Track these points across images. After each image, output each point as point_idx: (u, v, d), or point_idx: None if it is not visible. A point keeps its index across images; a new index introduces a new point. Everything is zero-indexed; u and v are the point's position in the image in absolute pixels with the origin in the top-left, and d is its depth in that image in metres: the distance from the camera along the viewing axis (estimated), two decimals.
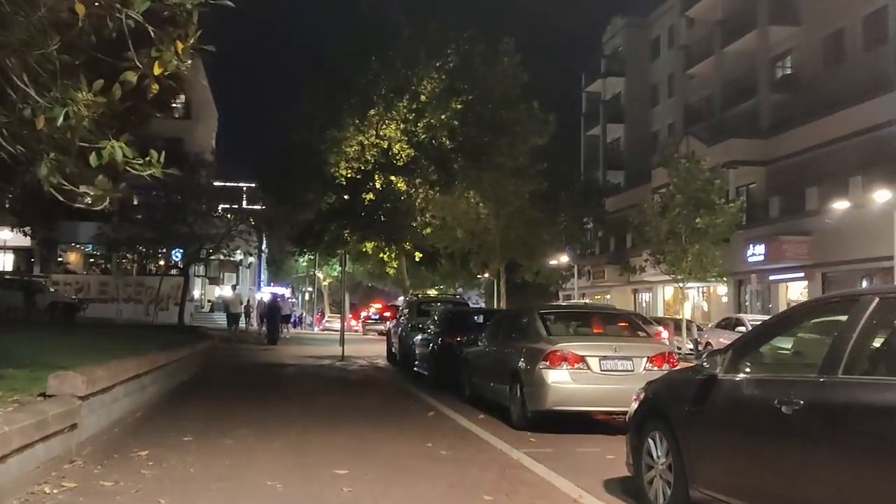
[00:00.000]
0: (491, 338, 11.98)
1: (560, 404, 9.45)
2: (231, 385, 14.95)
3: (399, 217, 24.54)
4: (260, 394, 13.42)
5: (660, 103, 54.07)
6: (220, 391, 13.63)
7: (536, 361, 9.56)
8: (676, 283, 29.72)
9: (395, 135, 25.11)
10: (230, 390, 13.83)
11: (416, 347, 17.23)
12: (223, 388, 14.27)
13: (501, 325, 11.98)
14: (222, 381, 15.55)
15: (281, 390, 14.16)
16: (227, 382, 15.48)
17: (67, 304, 36.04)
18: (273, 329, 29.26)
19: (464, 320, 15.43)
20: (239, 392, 13.65)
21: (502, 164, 26.08)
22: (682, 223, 28.12)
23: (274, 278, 75.33)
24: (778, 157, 36.29)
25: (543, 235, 44.62)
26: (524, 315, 11.15)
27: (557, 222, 44.66)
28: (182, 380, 14.69)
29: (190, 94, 50.39)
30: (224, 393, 13.37)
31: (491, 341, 11.87)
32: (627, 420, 6.45)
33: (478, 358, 12.26)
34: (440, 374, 14.77)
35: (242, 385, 15.10)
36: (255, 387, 14.82)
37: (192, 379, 15.27)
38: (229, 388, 14.34)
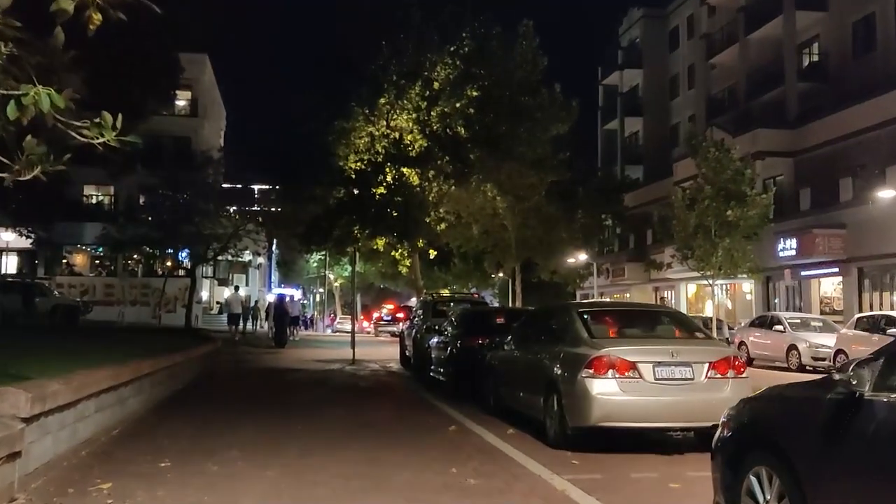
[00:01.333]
0: (520, 341, 10.51)
1: (607, 420, 7.98)
2: (229, 394, 13.55)
3: (412, 212, 23.08)
4: (259, 405, 12.02)
5: (679, 95, 52.46)
6: (216, 402, 12.22)
7: (578, 369, 8.10)
8: (705, 279, 28.13)
9: (408, 125, 23.67)
10: (226, 400, 12.43)
11: (432, 351, 15.78)
12: (219, 397, 12.87)
13: (532, 327, 10.53)
14: (220, 390, 14.16)
15: (283, 400, 12.74)
16: (224, 391, 14.08)
17: (69, 306, 34.85)
18: (280, 331, 27.88)
19: (485, 321, 13.94)
20: (236, 403, 12.25)
21: (522, 153, 24.56)
22: (711, 216, 26.55)
23: (285, 280, 74.11)
24: (807, 148, 34.63)
25: (561, 233, 43.23)
26: (560, 314, 9.70)
27: (575, 219, 43.26)
28: (176, 388, 13.33)
29: (196, 91, 49.26)
30: (219, 404, 11.97)
31: (520, 345, 10.41)
32: (714, 448, 4.99)
33: (505, 364, 10.80)
34: (460, 380, 13.32)
35: (241, 394, 13.69)
36: (255, 396, 13.42)
37: (186, 387, 13.89)
38: (226, 397, 12.93)
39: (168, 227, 37.45)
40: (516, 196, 26.92)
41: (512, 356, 10.55)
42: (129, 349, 12.62)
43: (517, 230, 40.01)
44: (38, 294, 35.36)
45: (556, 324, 9.47)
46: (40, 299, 34.71)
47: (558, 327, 9.32)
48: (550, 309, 11.05)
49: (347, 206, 23.53)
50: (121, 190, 46.20)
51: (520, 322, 11.47)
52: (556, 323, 9.54)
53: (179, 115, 48.97)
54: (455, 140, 23.17)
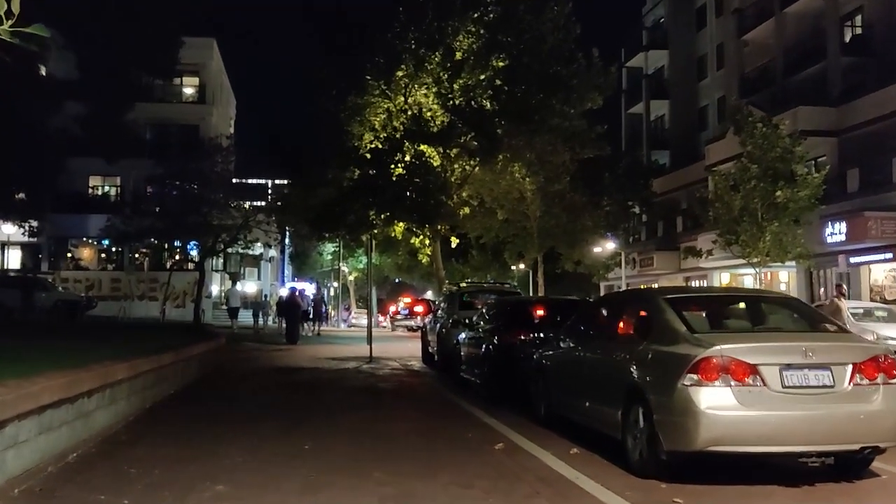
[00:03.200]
0: (581, 336, 8.45)
1: (719, 443, 5.92)
2: (226, 401, 11.54)
3: (433, 194, 20.99)
4: (260, 414, 10.02)
5: (707, 76, 50.04)
6: (209, 411, 10.24)
7: (677, 374, 6.05)
8: (752, 266, 25.89)
9: (427, 101, 21.58)
10: (222, 409, 10.44)
11: (461, 348, 13.74)
12: (214, 405, 10.87)
13: (596, 319, 8.47)
14: (217, 395, 12.17)
15: (289, 408, 10.74)
16: (222, 397, 12.09)
17: (71, 302, 33.13)
18: (292, 327, 25.91)
19: (527, 314, 11.83)
20: (233, 412, 10.26)
21: (556, 126, 22.38)
22: (758, 198, 24.33)
23: (298, 273, 72.27)
24: (851, 126, 32.35)
25: (586, 221, 41.19)
26: (640, 303, 7.65)
27: (601, 206, 41.17)
28: (165, 394, 11.37)
29: (204, 77, 47.40)
30: (213, 414, 9.98)
31: (581, 341, 8.33)
32: None
33: (560, 365, 8.75)
34: (498, 383, 11.28)
35: (241, 401, 11.69)
36: (257, 403, 11.42)
37: (178, 393, 11.92)
38: (222, 405, 10.94)
39: (175, 218, 35.74)
40: (547, 177, 24.80)
41: (571, 356, 8.49)
42: (115, 348, 10.73)
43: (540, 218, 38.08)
44: (40, 289, 33.77)
45: (636, 315, 7.41)
46: (43, 294, 33.14)
47: (639, 319, 7.25)
48: (624, 297, 8.94)
49: (362, 188, 21.42)
50: (127, 180, 44.47)
51: (579, 314, 9.41)
52: (634, 314, 7.47)
53: (186, 102, 47.19)
54: (480, 114, 21.03)
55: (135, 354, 10.19)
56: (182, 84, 47.91)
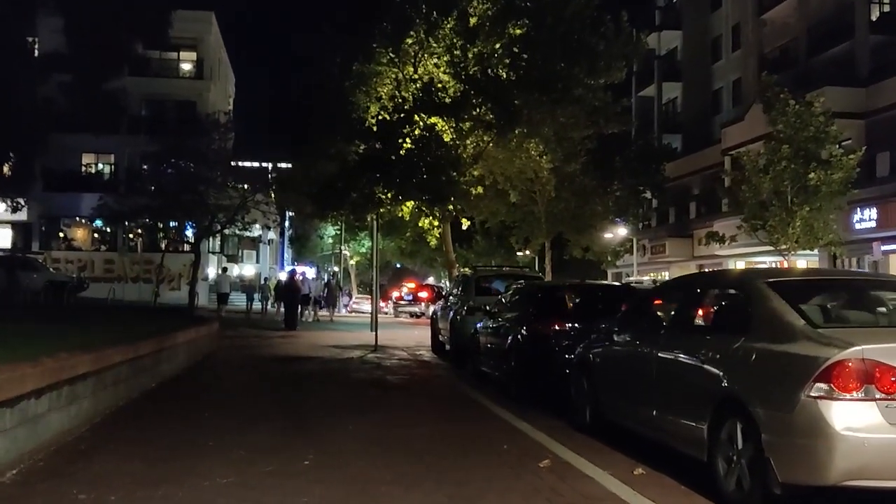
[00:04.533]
0: (645, 330, 6.93)
1: (862, 475, 4.42)
2: (215, 398, 10.05)
3: (445, 170, 19.41)
4: (252, 416, 8.54)
5: (722, 58, 48.31)
6: (194, 412, 8.74)
7: (798, 382, 4.56)
8: (780, 254, 24.39)
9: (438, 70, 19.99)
10: (210, 409, 8.94)
11: (480, 338, 12.26)
12: (201, 404, 9.37)
13: (667, 309, 6.94)
14: (204, 391, 10.67)
15: (286, 407, 9.27)
16: (211, 393, 10.60)
17: (60, 283, 31.66)
18: (291, 312, 24.40)
19: (561, 301, 10.30)
20: (222, 413, 8.76)
21: (580, 97, 20.77)
22: (788, 180, 22.80)
23: (298, 257, 70.74)
24: (880, 108, 30.80)
25: (596, 206, 39.73)
26: (733, 289, 6.10)
27: (611, 191, 39.67)
28: (146, 388, 9.93)
29: (202, 51, 45.73)
30: (197, 415, 8.48)
31: (646, 336, 6.80)
32: None
33: (615, 363, 7.24)
34: (528, 380, 9.78)
35: (231, 398, 10.19)
36: (250, 401, 9.93)
37: (161, 386, 10.46)
38: (210, 404, 9.44)
39: (170, 198, 34.27)
40: (566, 154, 23.22)
41: (629, 352, 6.96)
42: (91, 335, 9.33)
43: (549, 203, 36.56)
44: (29, 270, 32.31)
45: (728, 304, 5.93)
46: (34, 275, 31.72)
47: (734, 309, 5.77)
48: (707, 281, 7.29)
49: (368, 163, 19.81)
50: (121, 158, 42.92)
51: (638, 301, 7.91)
52: (726, 302, 5.99)
53: (183, 77, 45.50)
54: (497, 83, 19.42)
55: (108, 343, 8.74)
56: (179, 59, 46.25)
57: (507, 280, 15.03)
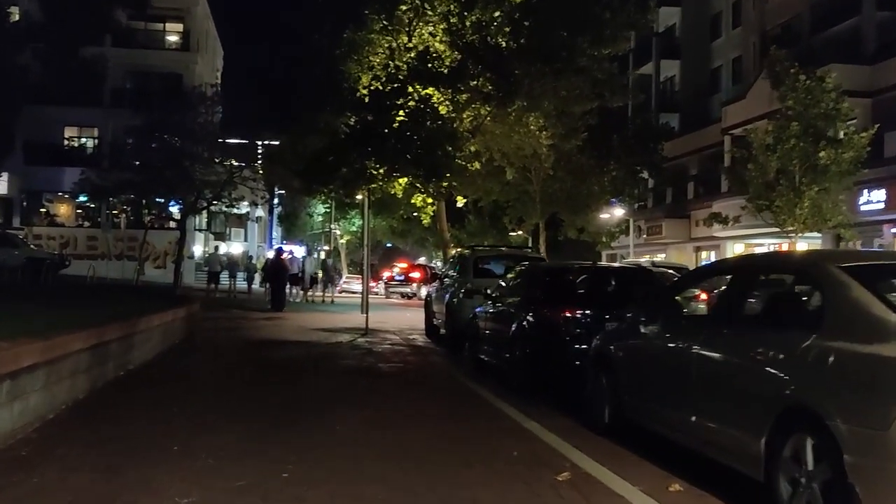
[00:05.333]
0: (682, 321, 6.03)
1: None
2: (188, 389, 9.06)
3: (441, 144, 18.40)
4: (229, 413, 7.59)
5: (722, 35, 47.29)
6: (161, 406, 7.78)
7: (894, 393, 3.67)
8: (787, 236, 23.55)
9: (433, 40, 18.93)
10: (180, 403, 7.98)
11: (480, 323, 11.34)
12: (171, 397, 8.38)
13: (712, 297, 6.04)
14: (178, 380, 9.70)
15: (268, 402, 8.32)
16: (184, 382, 9.62)
17: (38, 260, 30.57)
18: (278, 293, 23.41)
19: (571, 284, 9.37)
20: (194, 407, 7.79)
21: (585, 67, 19.74)
22: (797, 159, 21.90)
23: (287, 235, 69.62)
24: (887, 87, 29.91)
25: (592, 185, 38.81)
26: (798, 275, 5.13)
27: (608, 170, 38.75)
28: (114, 376, 8.99)
29: (188, 23, 44.39)
30: (165, 411, 7.51)
31: (683, 328, 5.89)
32: None
33: (643, 358, 6.31)
34: (535, 372, 8.88)
35: (207, 389, 9.23)
36: (227, 392, 8.97)
37: (129, 375, 9.52)
38: (182, 396, 8.45)
39: (155, 173, 33.20)
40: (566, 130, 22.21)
41: (662, 347, 6.02)
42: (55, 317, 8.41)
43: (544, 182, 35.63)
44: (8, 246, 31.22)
45: (793, 292, 5.02)
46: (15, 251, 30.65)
47: (797, 300, 4.87)
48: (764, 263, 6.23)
49: (360, 136, 18.76)
50: (105, 132, 41.70)
51: (674, 286, 6.98)
52: (790, 290, 5.08)
53: (169, 49, 44.19)
54: (496, 52, 18.36)
55: (71, 327, 7.80)
56: (165, 30, 44.92)
57: (507, 261, 14.12)
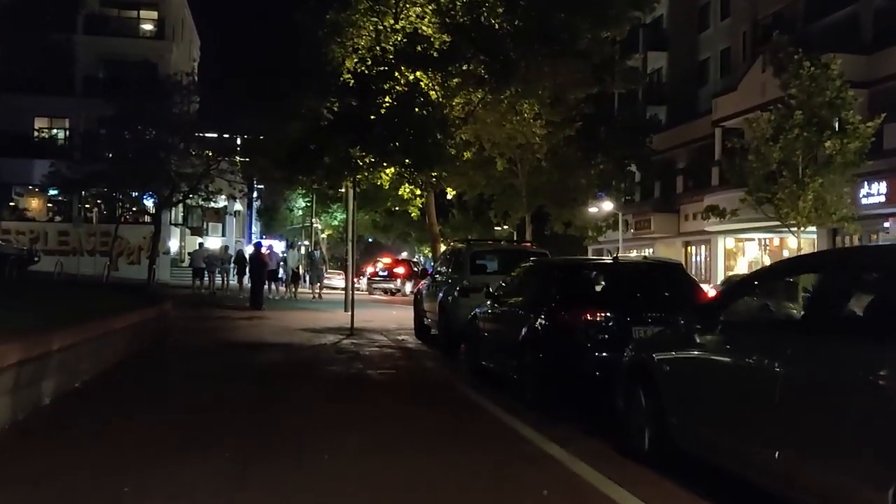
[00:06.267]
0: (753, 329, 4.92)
1: None
2: (148, 407, 7.78)
3: (431, 132, 17.25)
4: (192, 437, 6.39)
5: (710, 27, 46.41)
6: (111, 431, 6.58)
7: None
8: (789, 230, 22.65)
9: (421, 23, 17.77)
10: (134, 427, 6.78)
11: (480, 325, 10.23)
12: (126, 418, 7.17)
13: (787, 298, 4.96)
14: (137, 397, 8.42)
15: (240, 422, 7.12)
16: (145, 397, 8.37)
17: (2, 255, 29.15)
18: (257, 290, 22.19)
19: (589, 283, 8.18)
20: (149, 434, 6.57)
21: (586, 50, 18.63)
22: (800, 149, 20.98)
23: (267, 230, 68.18)
24: (886, 76, 29.11)
25: (580, 179, 37.93)
26: None
27: (595, 163, 37.88)
28: (61, 393, 7.77)
29: (163, 10, 42.91)
30: (113, 438, 6.33)
31: (755, 337, 4.78)
32: None
33: (698, 375, 5.19)
34: (549, 383, 7.78)
35: (171, 407, 7.86)
36: (192, 411, 7.60)
37: (82, 390, 8.30)
38: (140, 416, 7.24)
39: (127, 165, 31.85)
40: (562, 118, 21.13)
41: (728, 360, 4.90)
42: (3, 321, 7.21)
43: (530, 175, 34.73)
44: None
45: None
46: None
47: None
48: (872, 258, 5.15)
49: (344, 123, 17.56)
50: (77, 122, 40.13)
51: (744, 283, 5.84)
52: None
53: (144, 37, 42.67)
54: (490, 32, 17.21)
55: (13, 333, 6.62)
56: (139, 18, 43.42)
57: (507, 256, 13.04)
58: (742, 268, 38.24)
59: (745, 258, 38.62)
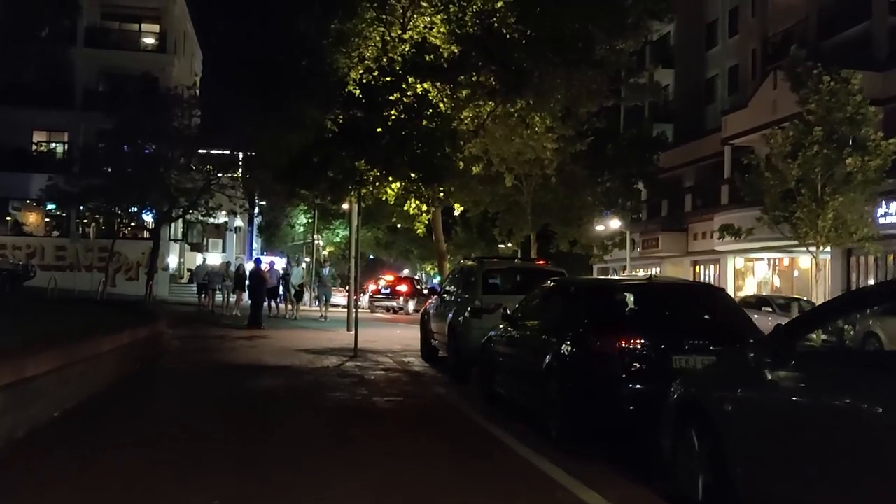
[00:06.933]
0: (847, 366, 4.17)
1: None
2: (130, 443, 6.93)
3: (440, 144, 16.53)
4: (177, 479, 5.61)
5: (718, 44, 45.95)
6: (87, 473, 5.80)
7: None
8: (807, 250, 21.94)
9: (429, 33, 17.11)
10: (113, 467, 6.00)
11: (496, 348, 9.47)
12: (106, 454, 6.40)
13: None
14: (122, 429, 7.60)
15: (233, 459, 6.34)
16: (128, 432, 7.49)
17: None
18: (256, 308, 21.43)
19: (621, 306, 7.38)
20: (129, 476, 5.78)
21: (604, 59, 17.96)
22: (819, 166, 20.29)
23: (268, 247, 67.43)
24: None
25: (586, 196, 37.36)
26: None
27: (602, 181, 37.32)
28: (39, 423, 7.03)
29: (165, 23, 42.37)
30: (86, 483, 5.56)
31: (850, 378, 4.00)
32: None
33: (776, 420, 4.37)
34: (580, 418, 7.01)
35: (156, 441, 7.02)
36: (180, 446, 6.78)
37: (62, 420, 7.53)
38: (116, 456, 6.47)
39: (125, 179, 31.24)
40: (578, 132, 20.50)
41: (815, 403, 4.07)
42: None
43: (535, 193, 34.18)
44: None
45: None
46: None
47: None
48: None
49: (349, 134, 16.83)
50: (76, 136, 39.53)
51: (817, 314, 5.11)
52: None
53: (145, 50, 42.10)
54: (501, 40, 16.50)
55: None
56: (140, 31, 42.89)
57: (521, 275, 12.30)
58: (751, 288, 37.57)
59: (755, 278, 37.91)
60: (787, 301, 23.28)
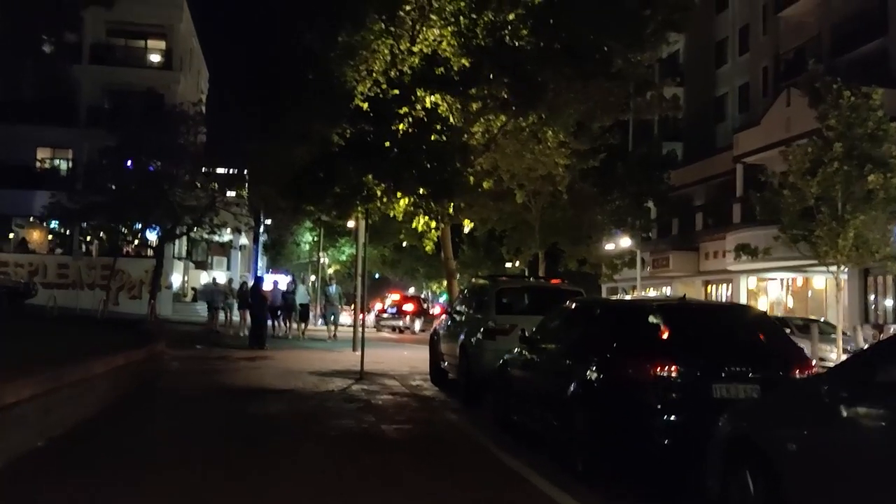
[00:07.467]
0: None
1: None
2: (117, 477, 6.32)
3: (451, 159, 16.00)
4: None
5: (728, 62, 45.61)
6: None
7: None
8: (828, 269, 21.30)
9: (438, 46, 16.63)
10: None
11: (512, 372, 8.87)
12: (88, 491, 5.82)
13: None
14: (110, 461, 7.01)
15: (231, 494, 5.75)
16: (117, 464, 6.89)
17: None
18: (258, 327, 20.82)
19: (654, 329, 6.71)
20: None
21: (621, 71, 17.42)
22: (840, 184, 19.68)
23: (273, 264, 66.93)
24: None
25: (595, 215, 36.86)
26: None
27: (611, 199, 36.81)
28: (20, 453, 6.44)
29: (171, 40, 42.11)
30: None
31: None
32: None
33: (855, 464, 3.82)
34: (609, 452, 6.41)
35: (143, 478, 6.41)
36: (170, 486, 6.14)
37: (47, 449, 6.95)
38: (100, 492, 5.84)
39: (129, 196, 30.83)
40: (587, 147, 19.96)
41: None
42: None
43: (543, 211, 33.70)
44: None
45: None
46: None
47: None
48: None
49: (356, 149, 16.30)
50: (80, 153, 39.18)
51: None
52: None
53: (151, 67, 41.78)
54: (515, 52, 15.98)
55: None
56: (146, 47, 42.59)
57: (537, 294, 11.71)
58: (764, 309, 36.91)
59: (768, 298, 37.21)
60: (806, 322, 22.56)
